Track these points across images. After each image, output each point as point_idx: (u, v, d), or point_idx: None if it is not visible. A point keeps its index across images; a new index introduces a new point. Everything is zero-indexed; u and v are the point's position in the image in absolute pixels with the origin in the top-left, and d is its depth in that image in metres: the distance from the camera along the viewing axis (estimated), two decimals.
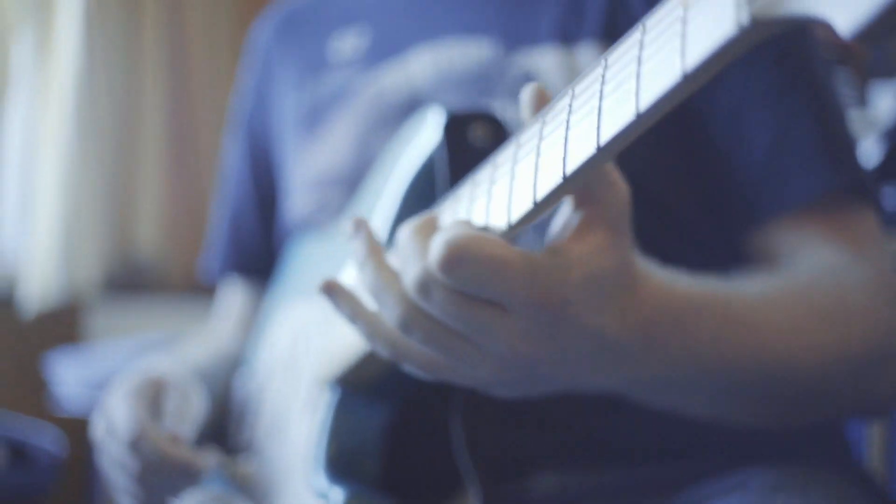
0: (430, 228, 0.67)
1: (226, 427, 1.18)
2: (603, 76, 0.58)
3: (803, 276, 0.86)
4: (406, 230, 0.67)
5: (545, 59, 1.02)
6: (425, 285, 0.64)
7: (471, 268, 0.61)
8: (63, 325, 2.44)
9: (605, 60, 0.58)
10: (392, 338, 0.70)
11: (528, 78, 1.01)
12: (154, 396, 1.03)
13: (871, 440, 1.58)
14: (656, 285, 0.69)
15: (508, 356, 0.65)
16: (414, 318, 0.67)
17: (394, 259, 0.70)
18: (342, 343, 0.87)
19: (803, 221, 0.92)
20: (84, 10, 2.28)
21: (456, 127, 0.87)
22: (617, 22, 1.01)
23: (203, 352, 1.24)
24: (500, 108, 1.00)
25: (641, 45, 0.55)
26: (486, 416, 0.91)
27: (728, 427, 0.88)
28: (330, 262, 1.05)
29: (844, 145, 0.95)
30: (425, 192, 0.87)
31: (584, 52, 1.01)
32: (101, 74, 2.32)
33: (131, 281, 2.46)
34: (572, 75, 0.99)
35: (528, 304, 0.62)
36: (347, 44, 1.18)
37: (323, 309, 0.96)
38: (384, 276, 0.69)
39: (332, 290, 0.73)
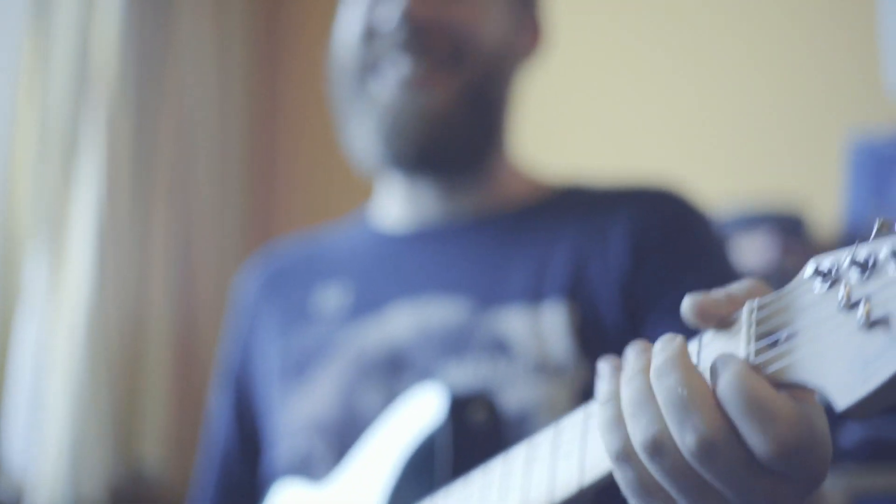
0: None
1: None
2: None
3: None
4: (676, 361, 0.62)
5: (513, 321, 1.14)
6: (709, 431, 0.59)
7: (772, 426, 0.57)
8: None
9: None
10: (631, 449, 0.65)
11: (496, 339, 1.13)
12: None
13: None
14: None
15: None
16: (668, 443, 0.62)
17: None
18: None
19: None
20: (97, 228, 2.37)
21: (457, 408, 0.96)
22: (577, 282, 1.15)
23: None
24: (473, 367, 1.11)
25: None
26: None
27: None
28: None
29: None
30: (424, 468, 0.95)
31: (549, 308, 1.13)
32: (111, 292, 2.41)
33: (137, 496, 2.50)
34: (537, 336, 1.12)
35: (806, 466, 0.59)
36: (330, 298, 1.28)
37: None
38: (647, 389, 0.64)
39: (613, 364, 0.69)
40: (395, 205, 1.31)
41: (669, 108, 2.15)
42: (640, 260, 1.14)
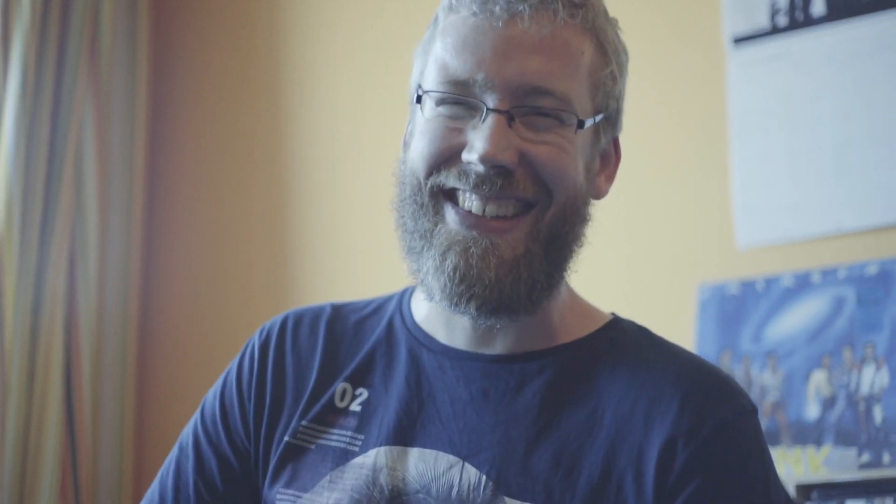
0: None
1: None
2: None
3: None
4: None
5: None
6: None
7: None
8: None
9: None
10: None
11: None
12: None
13: None
14: None
15: None
16: None
17: None
18: None
19: None
20: None
21: None
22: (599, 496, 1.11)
23: None
24: None
25: None
26: None
27: None
28: None
29: None
30: None
31: None
32: None
33: None
34: None
35: None
36: (349, 400, 1.23)
37: None
38: None
39: None
40: (436, 312, 1.24)
41: None
42: (674, 480, 1.12)
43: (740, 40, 2.20)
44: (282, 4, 2.79)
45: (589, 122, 1.19)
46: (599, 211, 1.26)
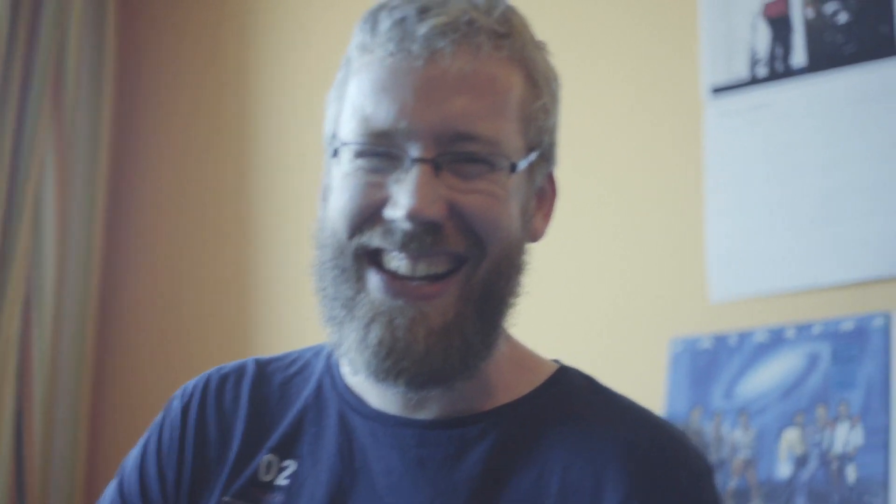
0: None
1: None
2: None
3: None
4: None
5: None
6: None
7: None
8: None
9: None
10: None
11: None
12: None
13: None
14: None
15: None
16: None
17: None
18: None
19: None
20: None
21: None
22: None
23: None
24: None
25: None
26: None
27: None
28: None
29: None
30: None
31: None
32: None
33: None
34: None
35: None
36: (273, 478, 1.15)
37: None
38: None
39: None
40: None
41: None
42: None
43: (719, 90, 2.17)
44: (250, 47, 2.77)
45: (522, 164, 1.10)
46: (569, 262, 1.19)
